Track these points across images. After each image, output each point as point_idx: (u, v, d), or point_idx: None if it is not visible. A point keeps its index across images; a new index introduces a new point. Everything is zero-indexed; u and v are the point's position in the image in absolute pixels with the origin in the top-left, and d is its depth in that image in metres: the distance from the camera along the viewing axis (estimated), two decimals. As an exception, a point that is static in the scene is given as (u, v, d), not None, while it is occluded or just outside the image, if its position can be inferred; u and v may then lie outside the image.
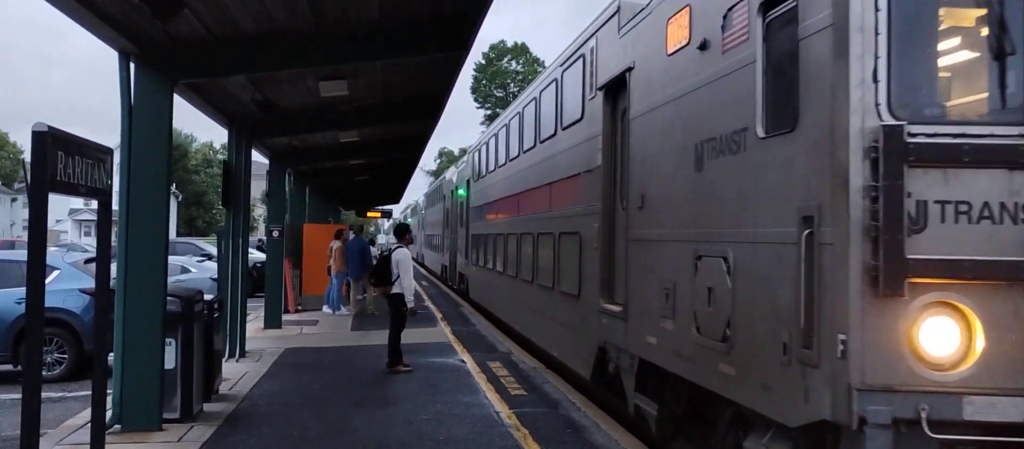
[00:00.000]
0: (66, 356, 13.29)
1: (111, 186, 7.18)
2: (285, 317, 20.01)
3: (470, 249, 24.19)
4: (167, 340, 9.35)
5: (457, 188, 28.03)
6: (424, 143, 19.78)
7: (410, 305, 13.05)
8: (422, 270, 46.11)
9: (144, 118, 8.90)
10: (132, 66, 8.91)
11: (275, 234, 19.20)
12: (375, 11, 8.82)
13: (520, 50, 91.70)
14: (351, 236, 22.48)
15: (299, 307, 22.88)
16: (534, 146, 14.22)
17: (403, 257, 13.07)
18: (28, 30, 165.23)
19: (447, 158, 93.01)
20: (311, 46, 9.24)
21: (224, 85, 11.45)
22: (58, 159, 5.99)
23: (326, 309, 22.57)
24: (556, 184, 12.52)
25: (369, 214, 42.46)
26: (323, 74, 11.45)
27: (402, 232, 13.72)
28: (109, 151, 7.27)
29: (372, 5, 8.66)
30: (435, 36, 9.29)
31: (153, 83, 9.00)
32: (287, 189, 21.10)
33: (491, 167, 20.08)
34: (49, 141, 5.73)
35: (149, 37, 8.71)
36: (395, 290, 13.02)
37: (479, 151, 23.06)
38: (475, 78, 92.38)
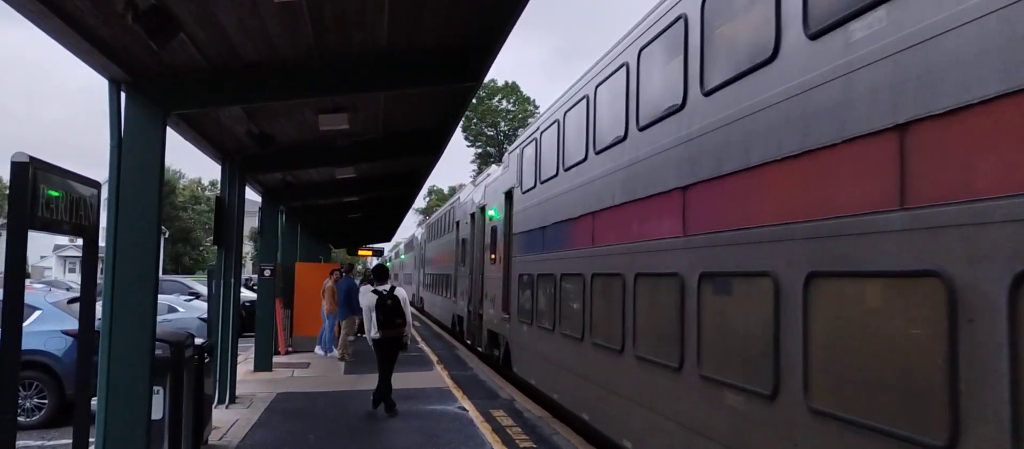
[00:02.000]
0: (46, 401, 12.59)
1: (98, 222, 6.63)
2: (276, 359, 19.34)
3: (514, 296, 15.60)
4: (155, 388, 8.72)
5: (484, 209, 19.84)
6: (423, 179, 19.27)
7: (407, 341, 13.58)
8: (422, 317, 39.35)
9: (134, 150, 8.35)
10: (123, 96, 8.38)
11: (267, 273, 18.58)
12: (383, 39, 8.33)
13: (511, 89, 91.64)
14: (341, 275, 21.88)
15: (290, 349, 22.18)
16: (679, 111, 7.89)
17: (402, 295, 13.04)
18: (16, 67, 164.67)
19: (437, 196, 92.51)
20: (314, 75, 8.72)
21: (218, 117, 10.93)
22: (41, 192, 5.43)
23: (318, 350, 21.88)
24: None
25: (360, 252, 41.79)
26: (323, 107, 10.95)
27: (384, 273, 13.43)
28: (97, 185, 6.71)
29: (380, 33, 8.18)
30: (446, 66, 8.80)
31: (145, 113, 8.46)
32: (280, 227, 20.50)
33: (560, 166, 12.51)
34: (30, 173, 5.18)
35: (141, 65, 8.19)
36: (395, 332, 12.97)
37: (534, 145, 14.35)
38: (466, 116, 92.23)
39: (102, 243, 7.89)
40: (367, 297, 13.18)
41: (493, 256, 18.16)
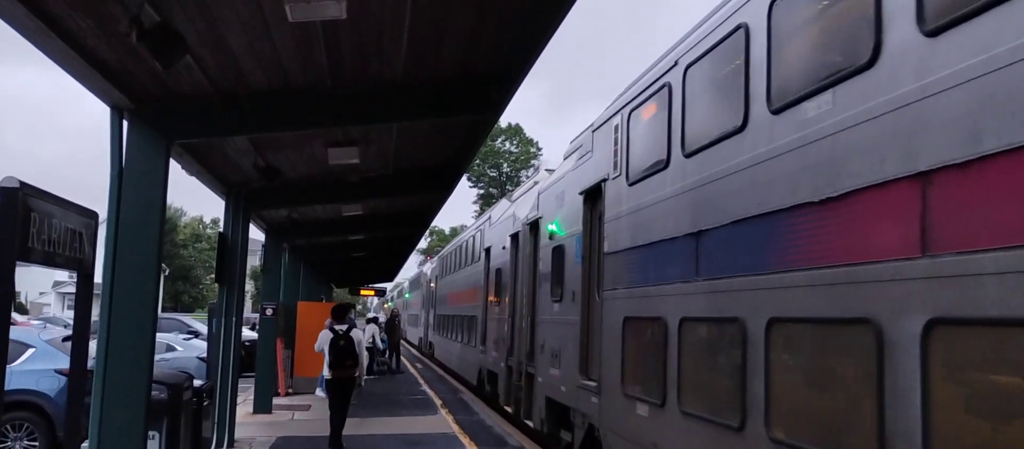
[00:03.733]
0: (37, 444, 12.03)
1: (94, 256, 6.17)
2: (275, 401, 18.74)
3: (608, 353, 9.64)
4: (150, 433, 8.22)
5: (535, 225, 13.79)
6: (431, 217, 18.84)
7: (361, 384, 14.03)
8: (432, 366, 34.84)
9: (136, 181, 7.91)
10: (125, 124, 7.96)
11: (268, 312, 18.08)
12: (400, 67, 7.94)
13: (514, 131, 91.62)
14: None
15: (290, 390, 21.58)
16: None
17: (360, 337, 13.34)
18: (18, 105, 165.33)
19: (439, 237, 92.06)
20: (326, 104, 8.32)
21: (224, 148, 10.51)
22: (32, 222, 4.97)
23: (319, 392, 21.28)
24: None
25: (362, 292, 41.25)
26: (333, 139, 10.54)
27: (342, 312, 13.46)
28: (94, 215, 6.26)
29: (397, 61, 7.78)
30: (465, 97, 8.40)
31: (147, 143, 8.03)
32: (283, 265, 20.02)
33: (747, 113, 6.52)
34: (21, 200, 4.72)
35: (145, 91, 7.78)
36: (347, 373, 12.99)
37: (663, 98, 8.32)
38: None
39: (98, 279, 7.44)
40: (322, 336, 13.18)
41: (557, 290, 11.68)
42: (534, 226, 13.99)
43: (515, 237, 16.15)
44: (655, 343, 8.06)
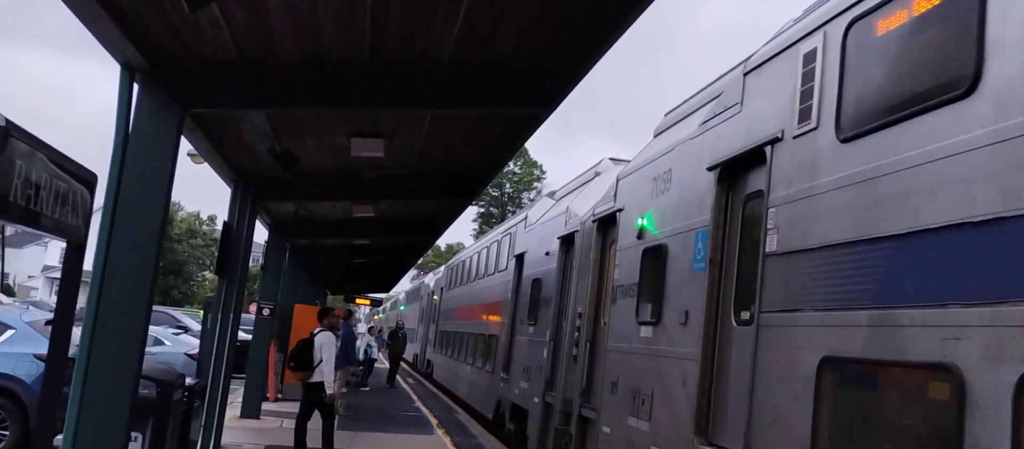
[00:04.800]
0: (8, 432, 11.08)
1: (88, 226, 5.28)
2: (264, 406, 17.84)
3: (745, 402, 6.26)
4: (133, 434, 7.29)
5: (611, 221, 10.45)
6: (445, 227, 17.93)
7: (330, 391, 12.56)
8: (430, 387, 31.06)
9: (143, 150, 7.03)
10: (136, 87, 7.10)
11: (266, 312, 17.19)
12: (448, 49, 7.10)
13: (519, 151, 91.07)
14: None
15: (280, 395, 20.64)
16: None
17: (326, 340, 12.46)
18: (26, 91, 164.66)
19: (434, 253, 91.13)
20: (362, 82, 7.47)
21: (239, 129, 9.64)
22: (16, 171, 4.09)
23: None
24: None
25: (358, 301, 40.28)
26: (358, 128, 9.68)
27: (325, 315, 13.25)
28: (93, 178, 5.38)
29: (447, 40, 6.95)
30: (518, 88, 7.55)
31: (159, 108, 7.16)
32: (284, 264, 19.14)
33: None
34: (2, 141, 3.85)
35: (161, 49, 6.92)
36: (314, 379, 12.46)
37: None
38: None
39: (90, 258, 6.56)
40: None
41: (650, 309, 8.46)
42: (606, 223, 10.51)
43: (568, 239, 12.59)
44: (924, 413, 4.72)
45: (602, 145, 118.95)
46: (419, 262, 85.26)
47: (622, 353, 9.10)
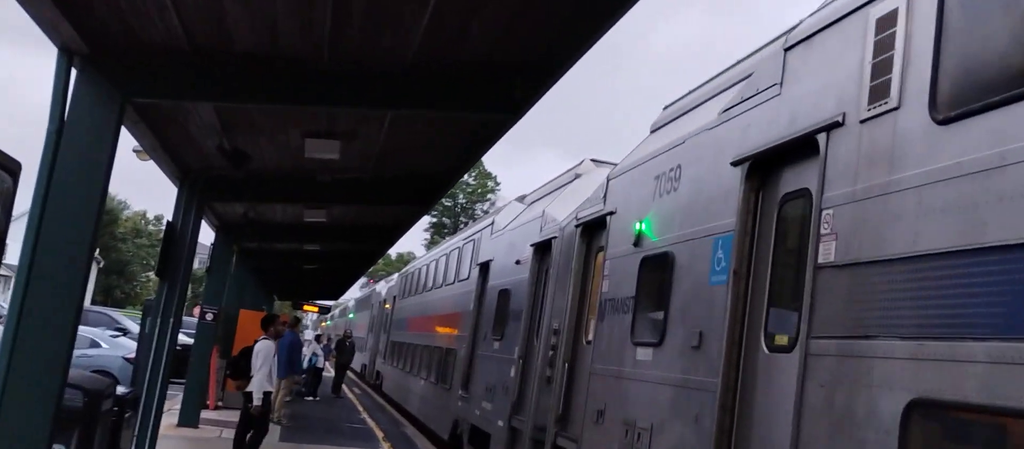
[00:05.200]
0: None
1: (7, 222, 4.76)
2: (204, 414, 17.15)
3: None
4: (55, 447, 6.72)
5: (614, 219, 8.74)
6: (400, 234, 17.45)
7: (257, 402, 12.12)
8: (378, 399, 29.65)
9: (78, 142, 6.53)
10: (74, 73, 6.58)
11: (209, 317, 16.54)
12: (414, 46, 6.69)
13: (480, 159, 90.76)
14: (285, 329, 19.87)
15: (220, 403, 19.94)
16: None
17: (263, 349, 12.13)
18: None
19: (384, 262, 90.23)
20: (320, 79, 7.03)
21: (187, 123, 9.10)
22: (-78, 153, 3.58)
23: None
24: None
25: (305, 307, 39.47)
26: (314, 128, 9.21)
27: (269, 323, 12.94)
28: (15, 167, 4.85)
29: (413, 38, 6.54)
30: (486, 90, 7.16)
31: (99, 96, 6.67)
32: (230, 268, 18.49)
33: None
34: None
35: (104, 32, 6.42)
36: (251, 388, 12.22)
37: None
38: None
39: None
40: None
41: (650, 329, 7.43)
42: (593, 228, 9.37)
43: (543, 246, 11.35)
44: None
45: (555, 160, 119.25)
46: (370, 270, 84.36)
47: (612, 377, 7.93)
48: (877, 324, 4.43)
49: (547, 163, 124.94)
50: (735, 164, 6.14)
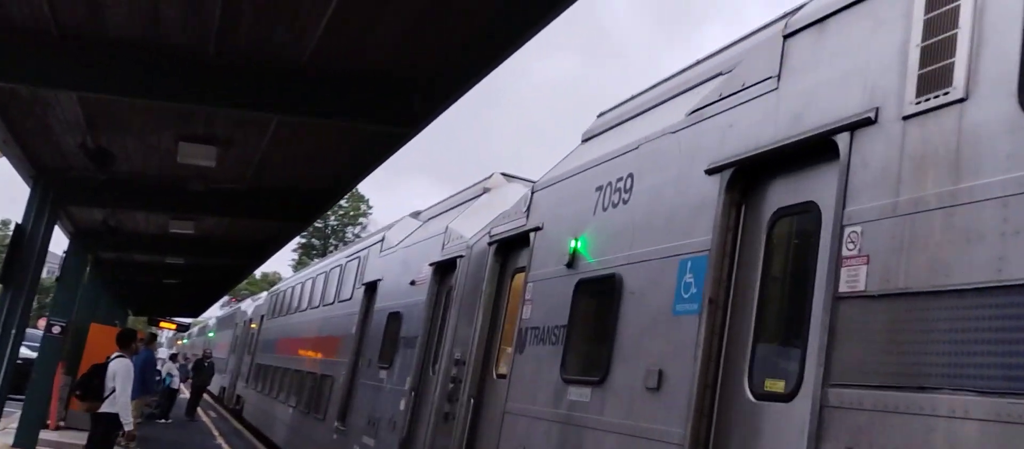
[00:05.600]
0: None
1: None
2: (43, 435, 15.84)
3: None
4: None
5: (540, 236, 7.78)
6: (273, 251, 16.69)
7: (128, 427, 11.36)
8: (243, 431, 26.18)
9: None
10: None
11: (56, 330, 15.30)
12: (310, 47, 6.25)
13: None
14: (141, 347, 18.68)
15: (62, 423, 18.52)
16: None
17: (122, 368, 11.14)
18: None
19: (249, 281, 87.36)
20: (205, 74, 6.46)
21: (45, 115, 8.30)
22: None
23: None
24: None
25: (162, 324, 37.45)
26: (189, 131, 8.56)
27: (127, 339, 11.86)
28: None
29: (309, 39, 6.10)
30: (381, 101, 6.75)
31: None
32: (83, 278, 17.25)
33: None
34: None
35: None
36: (105, 409, 11.11)
37: None
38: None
39: None
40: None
41: (585, 364, 6.47)
42: (511, 246, 8.34)
43: (445, 266, 10.25)
44: None
45: (429, 187, 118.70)
46: (234, 289, 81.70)
47: (533, 419, 6.82)
48: (941, 373, 3.46)
49: (420, 190, 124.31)
50: (711, 172, 5.19)
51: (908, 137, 3.94)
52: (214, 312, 53.63)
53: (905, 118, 3.98)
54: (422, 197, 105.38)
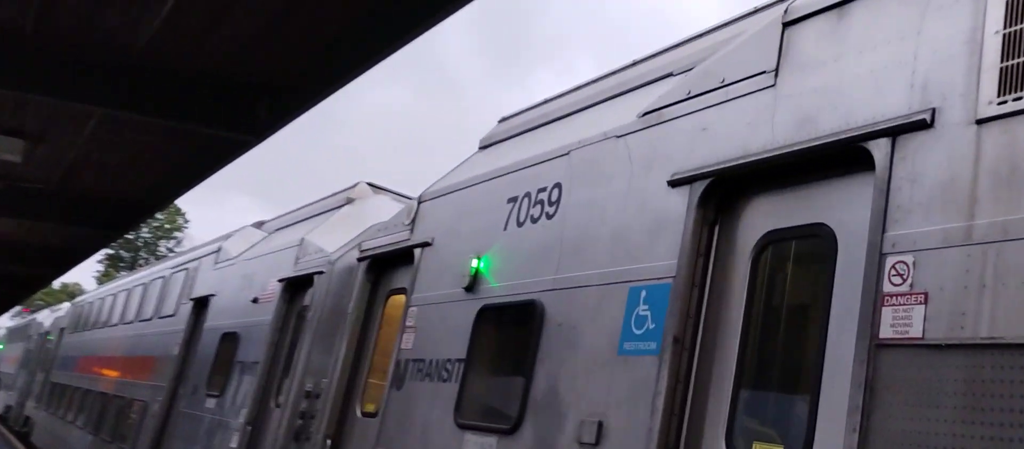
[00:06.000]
0: None
1: None
2: None
3: None
4: None
5: (433, 254, 6.83)
6: (80, 259, 15.34)
7: None
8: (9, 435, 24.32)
9: None
10: None
11: None
12: (145, 36, 5.67)
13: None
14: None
15: None
16: None
17: None
18: None
19: (46, 292, 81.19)
20: (21, 52, 5.72)
21: None
22: None
23: None
24: None
25: (-61, 334, 33.89)
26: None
27: None
28: None
29: (145, 27, 5.53)
30: (225, 105, 6.21)
31: None
32: None
33: None
34: None
35: None
36: None
37: None
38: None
39: None
40: None
41: (496, 409, 5.46)
42: (384, 264, 7.38)
43: (298, 284, 9.19)
44: None
45: (249, 206, 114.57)
46: (29, 299, 75.70)
47: None
48: None
49: (239, 207, 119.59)
50: (676, 184, 4.39)
51: (986, 145, 3.18)
52: (3, 322, 49.16)
53: (980, 122, 3.22)
54: (243, 214, 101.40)
